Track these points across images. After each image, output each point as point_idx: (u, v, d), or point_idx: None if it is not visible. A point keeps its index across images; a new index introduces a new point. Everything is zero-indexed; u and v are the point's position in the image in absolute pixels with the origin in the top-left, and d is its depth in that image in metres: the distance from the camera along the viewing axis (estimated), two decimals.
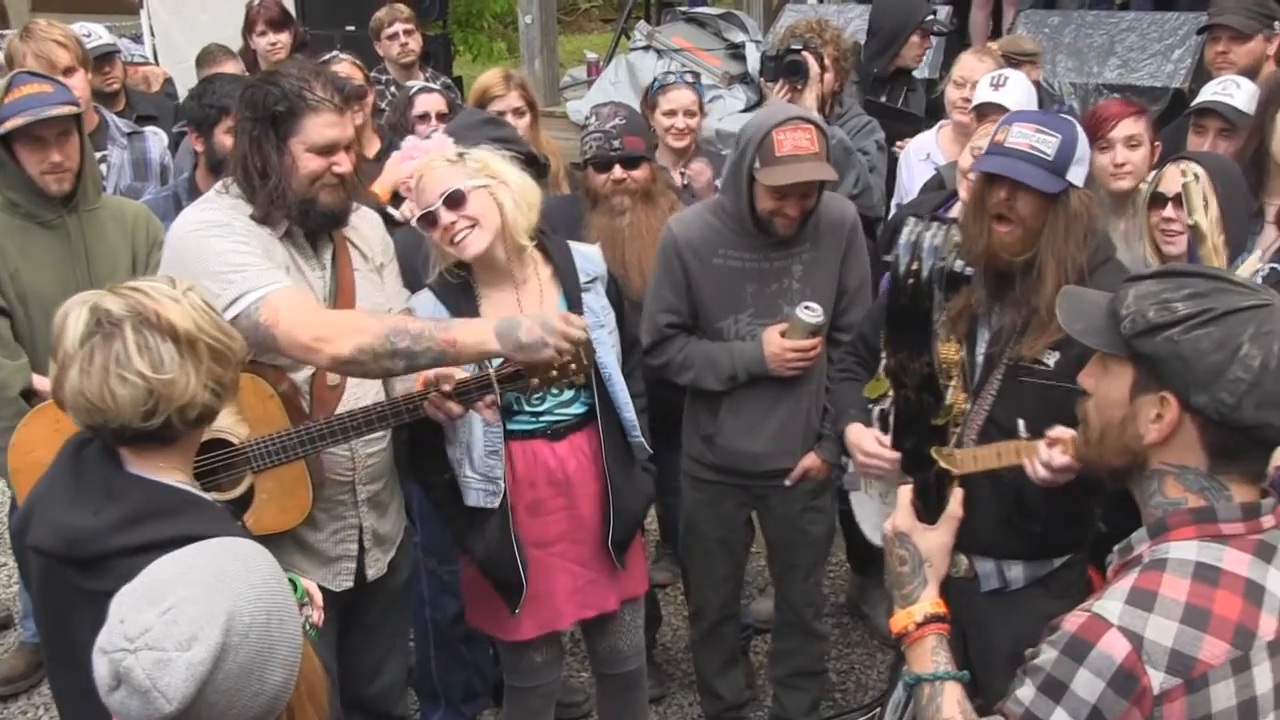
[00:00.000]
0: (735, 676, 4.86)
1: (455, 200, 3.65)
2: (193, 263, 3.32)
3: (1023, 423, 3.28)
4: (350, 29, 9.29)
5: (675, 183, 5.11)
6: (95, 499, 2.47)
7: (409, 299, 3.85)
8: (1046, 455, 3.10)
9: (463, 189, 3.66)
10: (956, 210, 4.08)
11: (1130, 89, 7.91)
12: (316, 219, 3.52)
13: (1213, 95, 4.80)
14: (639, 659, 4.34)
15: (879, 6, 6.92)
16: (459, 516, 3.87)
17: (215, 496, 3.17)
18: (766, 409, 4.30)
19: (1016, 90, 4.89)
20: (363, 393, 3.62)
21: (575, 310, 3.79)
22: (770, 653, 4.99)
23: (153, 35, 10.89)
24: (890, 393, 2.24)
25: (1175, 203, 3.95)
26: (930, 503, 2.36)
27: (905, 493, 2.36)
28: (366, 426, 3.49)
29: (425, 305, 3.78)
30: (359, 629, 3.90)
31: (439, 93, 5.58)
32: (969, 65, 5.50)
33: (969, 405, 3.50)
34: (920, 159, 5.61)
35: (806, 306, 4.12)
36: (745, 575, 4.93)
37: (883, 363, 2.23)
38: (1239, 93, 4.73)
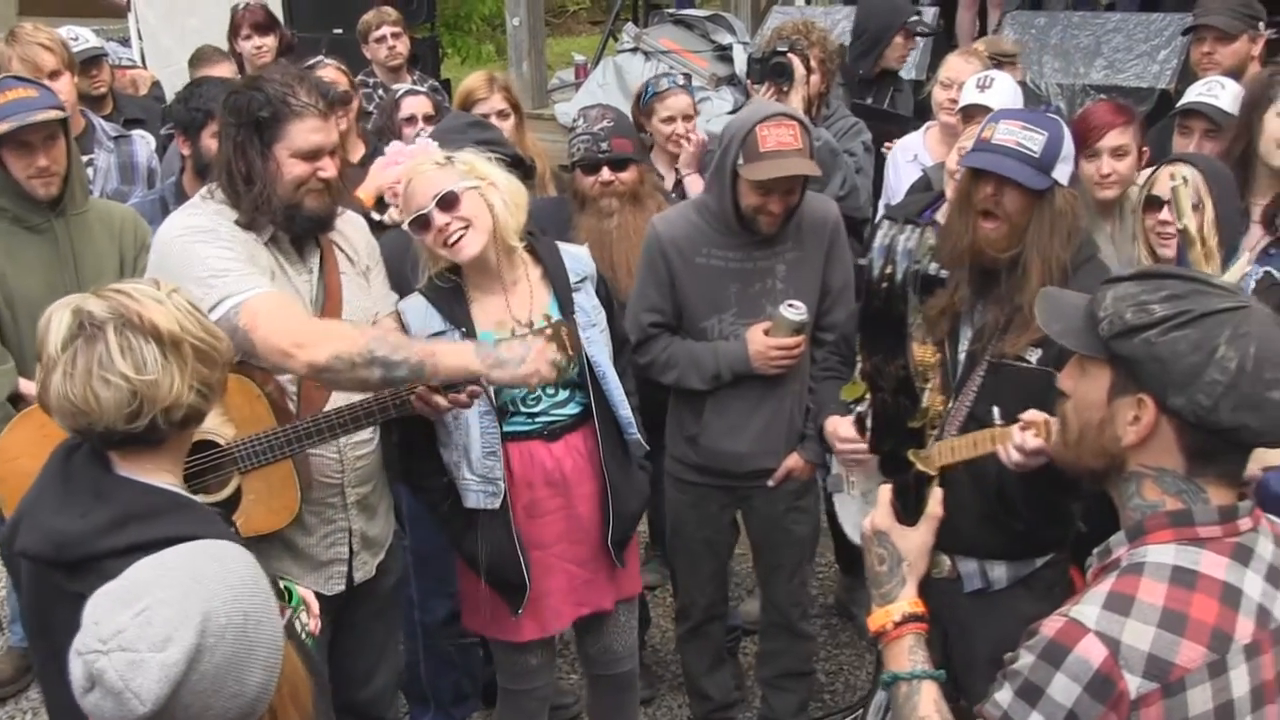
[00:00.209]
0: (723, 677, 4.86)
1: (448, 202, 3.65)
2: (176, 267, 3.32)
3: (997, 410, 3.30)
4: (338, 32, 9.27)
5: (668, 186, 5.12)
6: (84, 502, 2.46)
7: (397, 302, 3.85)
8: (1020, 439, 3.12)
9: (455, 190, 3.65)
10: (944, 212, 4.09)
11: (1116, 90, 7.93)
12: (302, 224, 3.52)
13: (1198, 96, 4.81)
14: (632, 660, 4.35)
15: (863, 8, 6.93)
16: (457, 520, 3.86)
17: (203, 498, 3.17)
18: (750, 409, 4.30)
19: (1002, 91, 4.90)
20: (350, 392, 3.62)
21: (566, 310, 3.80)
22: (758, 654, 5.00)
23: (140, 38, 10.85)
24: (867, 395, 2.24)
25: (1169, 205, 3.94)
26: (910, 504, 2.36)
27: (884, 492, 2.37)
28: (353, 423, 3.48)
29: (416, 309, 3.78)
30: (350, 633, 3.89)
31: (425, 95, 5.58)
32: (955, 67, 5.51)
33: (951, 402, 3.52)
34: (907, 160, 5.61)
35: (790, 304, 4.13)
36: (735, 577, 4.94)
37: (858, 366, 2.24)
38: (1224, 93, 4.74)
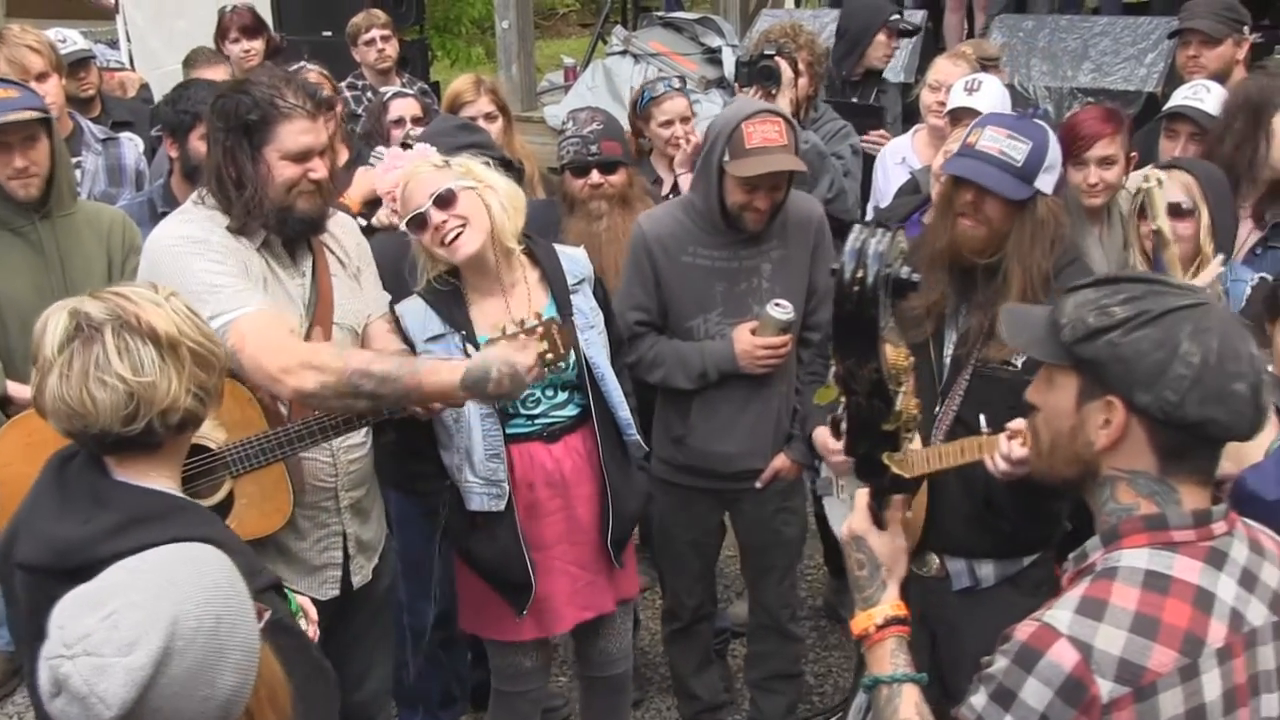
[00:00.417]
0: (711, 677, 4.87)
1: (445, 200, 3.65)
2: (168, 278, 3.28)
3: (983, 417, 3.31)
4: (327, 34, 9.27)
5: (666, 189, 5.13)
6: (84, 508, 2.44)
7: (389, 303, 3.85)
8: (1006, 448, 3.14)
9: (453, 188, 3.66)
10: (931, 210, 4.11)
11: (1104, 93, 7.96)
12: (294, 226, 3.51)
13: (1184, 100, 4.84)
14: (627, 661, 4.35)
15: (846, 9, 6.96)
16: (460, 522, 3.87)
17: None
18: (737, 409, 4.31)
19: (990, 95, 4.91)
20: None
21: (564, 312, 3.81)
22: (746, 656, 5.00)
23: (129, 40, 10.82)
24: (842, 399, 2.25)
25: (1168, 213, 3.93)
26: (887, 507, 2.37)
27: (861, 496, 2.38)
28: (345, 426, 3.46)
29: (415, 312, 3.78)
30: (344, 637, 3.88)
31: (413, 98, 5.59)
32: (943, 69, 5.53)
33: (938, 407, 3.53)
34: (896, 163, 5.62)
35: (777, 303, 4.14)
36: (723, 579, 4.94)
37: (832, 370, 2.24)
38: (1209, 97, 4.77)
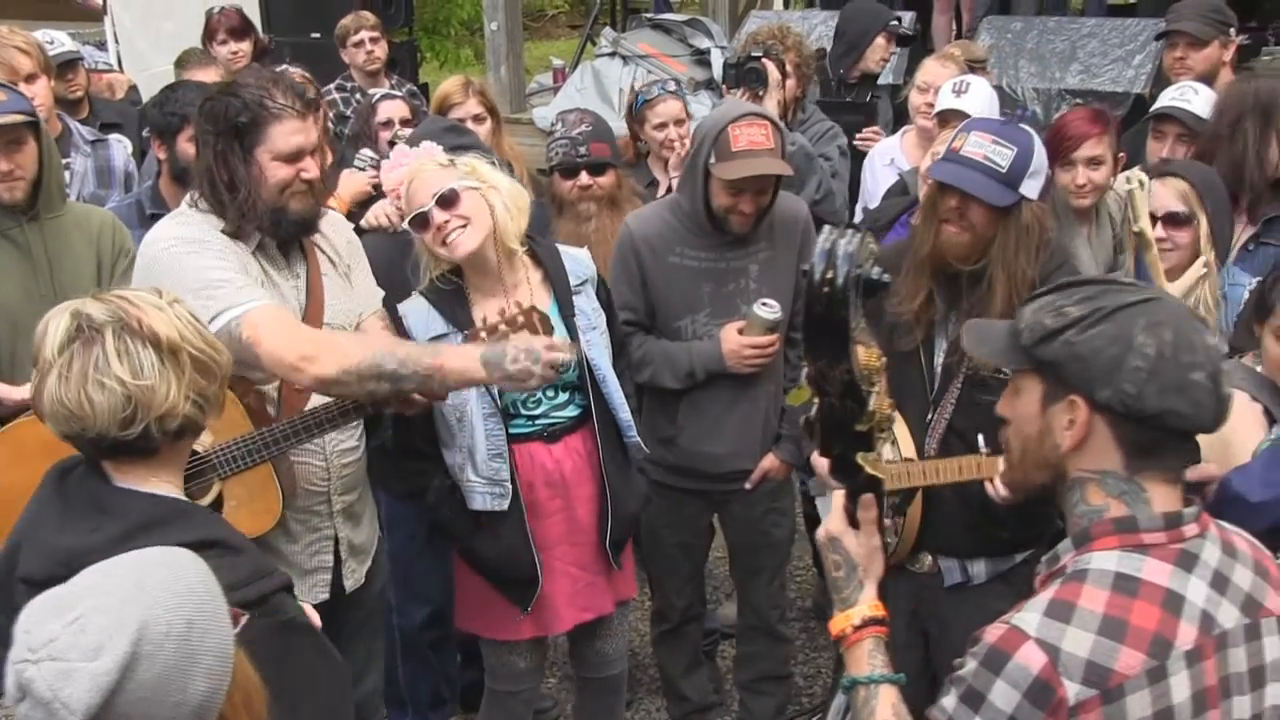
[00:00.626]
0: (700, 678, 4.88)
1: (448, 200, 3.66)
2: (166, 278, 3.27)
3: (982, 437, 3.31)
4: (315, 36, 9.23)
5: (661, 191, 5.13)
6: (89, 517, 2.42)
7: (385, 300, 3.86)
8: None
9: (455, 188, 3.67)
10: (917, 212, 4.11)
11: (1092, 94, 7.98)
12: (288, 227, 3.51)
13: (1171, 101, 4.85)
14: (623, 663, 4.36)
15: (846, 11, 6.96)
16: (462, 521, 3.87)
17: None
18: (725, 410, 4.32)
19: (978, 97, 4.92)
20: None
21: (566, 313, 3.82)
22: (735, 657, 5.00)
23: (117, 42, 10.78)
24: (815, 400, 2.26)
25: (1165, 221, 3.94)
26: (862, 508, 2.38)
27: (838, 497, 2.38)
28: (329, 423, 3.46)
29: (418, 311, 3.79)
30: (337, 640, 3.86)
31: (402, 99, 5.60)
32: (932, 70, 5.53)
33: (930, 415, 3.54)
34: (884, 164, 5.63)
35: (764, 303, 4.14)
36: (713, 580, 4.94)
37: (804, 371, 2.26)
38: (1196, 98, 4.79)
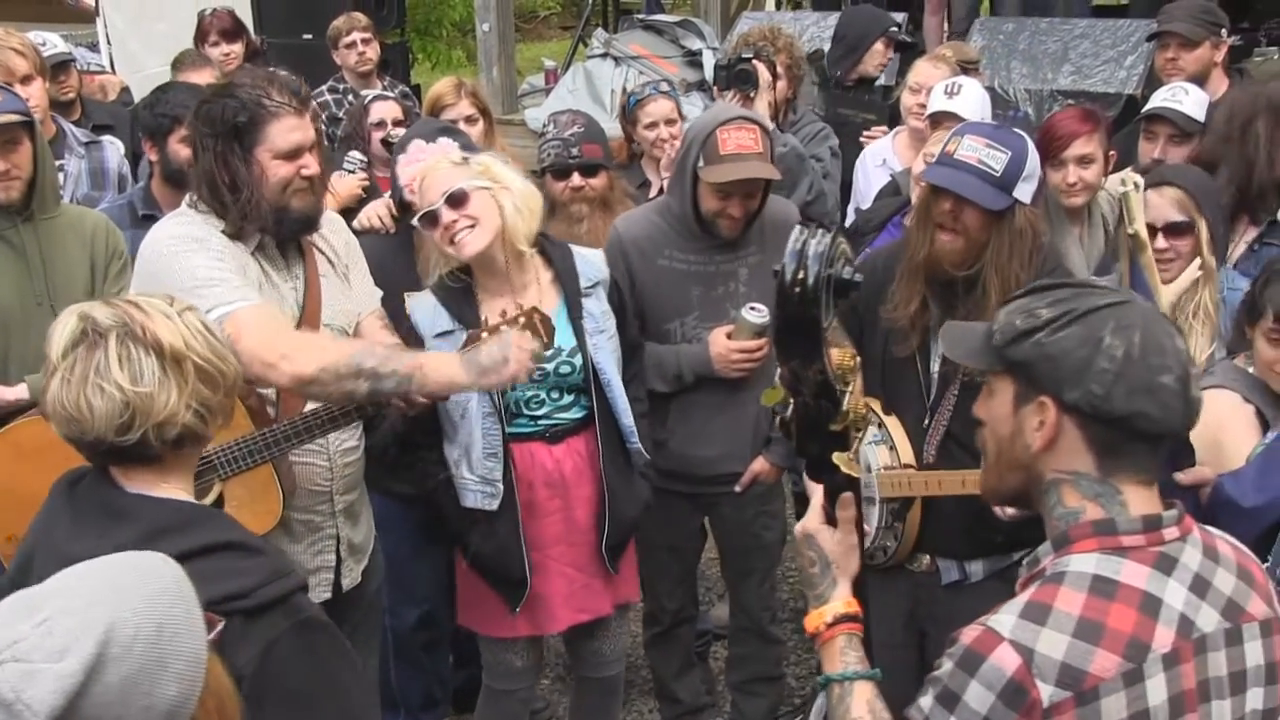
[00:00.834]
0: (693, 680, 4.88)
1: (457, 199, 3.67)
2: (163, 275, 3.30)
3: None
4: (307, 37, 9.22)
5: (653, 193, 5.14)
6: (100, 524, 2.41)
7: (382, 298, 3.88)
8: None
9: (465, 188, 3.68)
10: (910, 215, 4.11)
11: (1084, 95, 7.97)
12: (291, 226, 3.52)
13: (1162, 102, 4.86)
14: (620, 664, 4.37)
15: (845, 15, 6.98)
16: (461, 515, 3.89)
17: None
18: (714, 413, 4.32)
19: (970, 98, 4.92)
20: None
21: (575, 315, 3.84)
22: (727, 659, 5.01)
23: (109, 44, 10.77)
24: (790, 400, 2.27)
25: (1167, 232, 3.94)
26: (840, 506, 2.39)
27: (816, 495, 2.39)
28: (330, 424, 3.46)
29: (426, 308, 3.81)
30: None
31: (394, 100, 5.61)
32: (924, 71, 5.52)
33: (927, 420, 3.55)
34: (876, 165, 5.63)
35: (752, 307, 4.15)
36: (705, 581, 4.95)
37: (778, 371, 2.26)
38: (1188, 99, 4.80)
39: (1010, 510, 3.18)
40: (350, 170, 5.14)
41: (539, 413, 3.88)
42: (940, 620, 3.60)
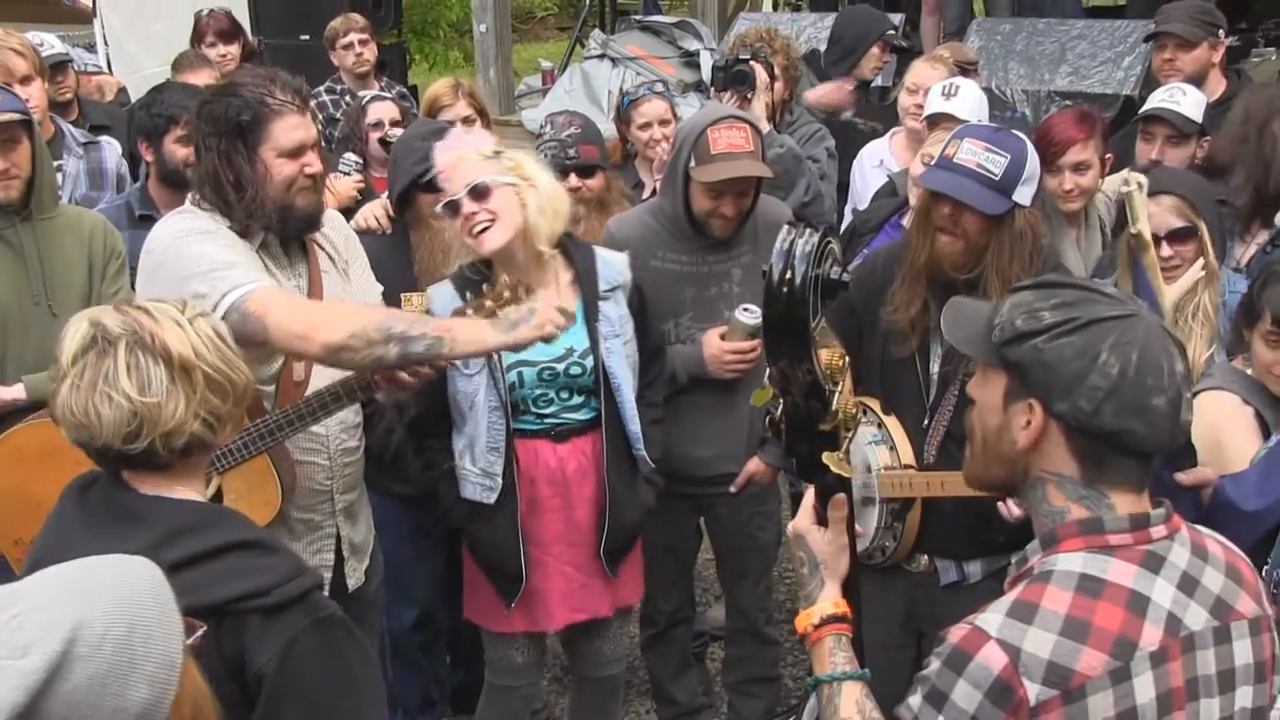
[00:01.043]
0: (689, 680, 4.88)
1: (480, 192, 3.67)
2: (174, 265, 3.30)
3: None
4: (304, 38, 9.22)
5: (646, 193, 5.14)
6: (117, 528, 2.39)
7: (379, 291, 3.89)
8: None
9: (488, 182, 3.68)
10: (909, 218, 4.12)
11: (1081, 95, 7.98)
12: (295, 224, 3.52)
13: (1159, 103, 4.85)
14: (620, 664, 4.37)
15: (842, 16, 6.98)
16: (464, 506, 3.90)
17: None
18: (709, 414, 4.32)
19: (967, 100, 4.91)
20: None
21: (591, 317, 3.85)
22: (724, 659, 5.01)
23: (106, 44, 10.75)
24: (780, 400, 2.26)
25: (1170, 239, 3.92)
26: (832, 506, 2.39)
27: (807, 495, 2.39)
28: (321, 410, 3.44)
29: (444, 295, 3.81)
30: None
31: (391, 101, 5.62)
32: (921, 72, 5.52)
33: (927, 421, 3.55)
34: (873, 165, 5.62)
35: (745, 308, 4.15)
36: (702, 582, 4.94)
37: (767, 371, 2.26)
38: (1185, 100, 4.79)
39: (1017, 512, 3.19)
40: (345, 172, 5.14)
41: (546, 411, 3.89)
42: (938, 621, 3.58)
